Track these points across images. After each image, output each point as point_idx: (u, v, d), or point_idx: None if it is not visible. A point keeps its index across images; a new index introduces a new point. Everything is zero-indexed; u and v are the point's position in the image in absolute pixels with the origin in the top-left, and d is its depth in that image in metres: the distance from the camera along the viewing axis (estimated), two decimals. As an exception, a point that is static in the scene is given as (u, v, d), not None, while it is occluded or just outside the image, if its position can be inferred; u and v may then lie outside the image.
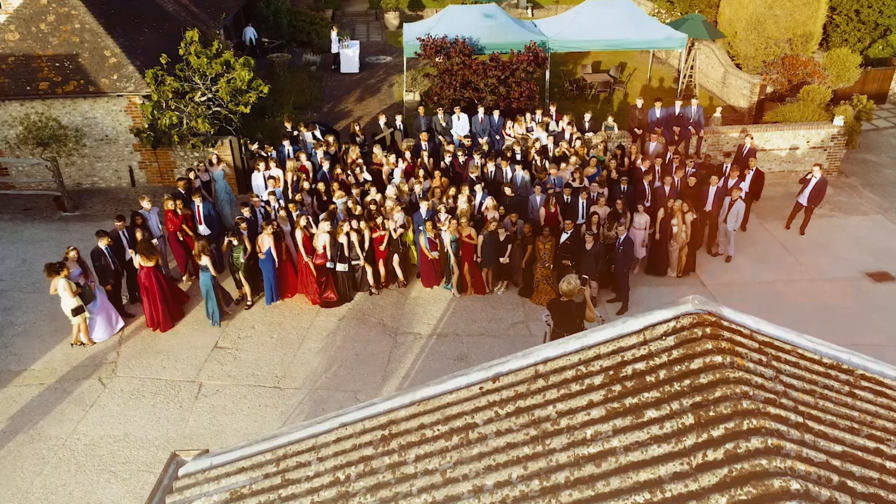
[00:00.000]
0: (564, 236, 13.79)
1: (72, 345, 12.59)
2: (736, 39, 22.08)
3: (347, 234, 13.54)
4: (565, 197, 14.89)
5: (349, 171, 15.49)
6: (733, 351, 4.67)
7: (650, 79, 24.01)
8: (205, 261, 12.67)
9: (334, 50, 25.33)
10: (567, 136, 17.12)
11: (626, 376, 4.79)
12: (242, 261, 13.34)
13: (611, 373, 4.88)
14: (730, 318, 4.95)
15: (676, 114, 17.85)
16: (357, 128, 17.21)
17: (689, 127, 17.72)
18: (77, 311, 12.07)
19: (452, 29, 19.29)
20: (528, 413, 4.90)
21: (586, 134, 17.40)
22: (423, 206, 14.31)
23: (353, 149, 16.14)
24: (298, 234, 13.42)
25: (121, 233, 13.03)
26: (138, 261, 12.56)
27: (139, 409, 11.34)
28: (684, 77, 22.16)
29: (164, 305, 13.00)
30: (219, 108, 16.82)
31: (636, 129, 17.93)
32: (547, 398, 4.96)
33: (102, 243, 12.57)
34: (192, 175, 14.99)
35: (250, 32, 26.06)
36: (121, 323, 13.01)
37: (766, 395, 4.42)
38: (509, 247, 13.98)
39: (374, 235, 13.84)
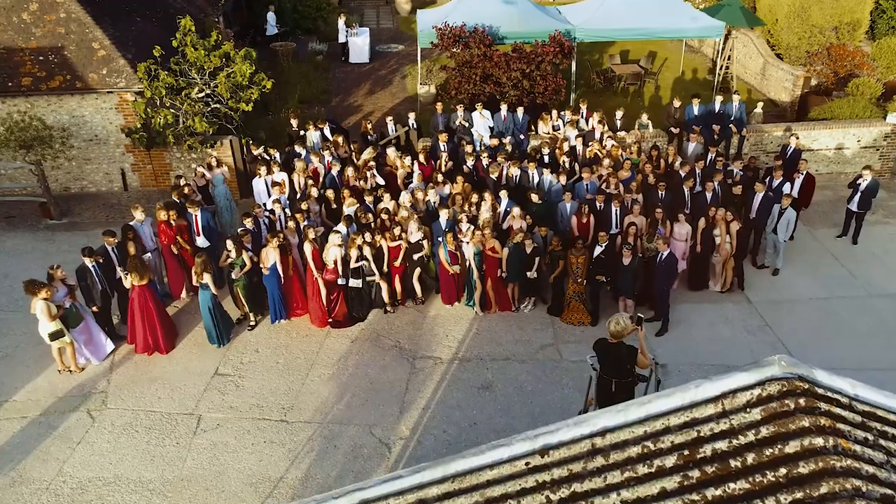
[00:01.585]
0: (598, 249, 13.02)
1: (58, 371, 11.91)
2: (777, 27, 21.26)
3: (360, 247, 12.79)
4: (598, 204, 14.12)
5: (362, 176, 14.70)
6: (835, 430, 4.00)
7: (683, 70, 23.14)
8: (206, 279, 11.93)
9: (342, 39, 24.52)
10: (597, 135, 16.30)
11: (705, 458, 4.13)
12: (240, 276, 12.62)
13: (685, 452, 4.20)
14: (824, 383, 4.30)
15: (716, 111, 17.04)
16: (369, 126, 16.43)
17: (731, 125, 16.91)
18: (55, 336, 11.38)
19: (471, 16, 18.46)
20: (587, 500, 4.23)
21: (618, 133, 16.57)
22: (443, 215, 13.55)
23: (366, 150, 15.36)
24: (307, 248, 12.67)
25: (110, 249, 12.30)
26: (130, 280, 11.84)
27: (132, 447, 10.63)
28: (721, 68, 21.28)
29: (162, 326, 12.30)
30: (218, 106, 16.07)
31: (672, 128, 17.11)
32: (608, 482, 4.29)
33: (88, 261, 11.87)
34: (182, 182, 14.26)
35: (272, 19, 25.20)
36: (111, 346, 12.31)
37: (882, 492, 3.71)
38: (537, 260, 13.21)
39: (391, 244, 13.10)
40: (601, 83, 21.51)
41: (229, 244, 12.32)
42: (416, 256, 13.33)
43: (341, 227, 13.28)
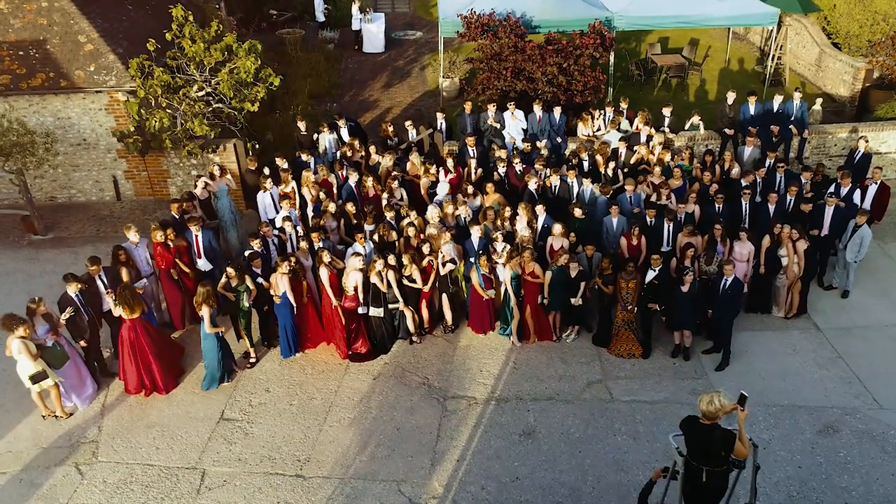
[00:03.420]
0: (651, 274, 12.00)
1: (43, 417, 11.01)
2: (834, 13, 20.26)
3: (380, 272, 11.81)
4: (648, 219, 13.10)
5: (386, 188, 13.71)
6: None
7: (728, 59, 22.03)
8: (204, 312, 10.97)
9: (355, 27, 23.48)
10: (643, 138, 15.24)
11: None
12: (246, 306, 11.70)
13: None
14: None
15: (775, 110, 15.97)
16: (390, 128, 15.40)
17: (790, 126, 15.84)
18: (37, 378, 10.46)
19: (499, 1, 17.38)
20: None
21: (667, 134, 15.49)
22: (475, 233, 12.56)
23: (387, 156, 14.35)
24: (324, 273, 11.69)
25: (97, 277, 11.38)
26: (119, 312, 10.90)
27: (126, 510, 9.72)
28: (772, 59, 20.16)
29: (160, 363, 11.38)
30: (220, 105, 15.09)
31: (726, 130, 16.04)
32: None
33: (72, 290, 10.97)
34: (195, 194, 13.36)
35: (321, 5, 24.13)
36: (93, 387, 11.42)
37: None
38: (582, 285, 12.21)
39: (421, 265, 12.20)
40: (641, 76, 20.40)
41: (230, 272, 11.38)
42: (443, 272, 12.37)
43: (359, 246, 12.33)
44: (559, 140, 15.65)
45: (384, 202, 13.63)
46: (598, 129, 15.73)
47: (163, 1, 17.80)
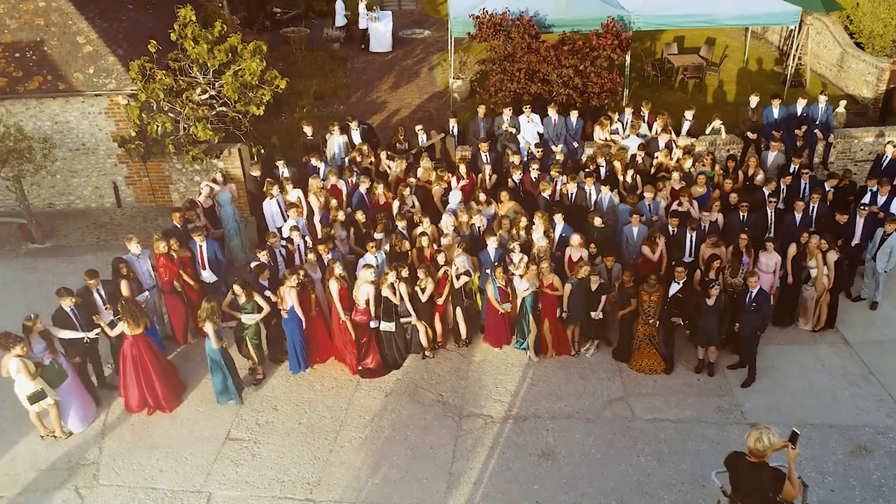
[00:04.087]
0: (675, 286, 11.69)
1: (41, 437, 10.74)
2: (857, 12, 19.95)
3: (393, 285, 11.51)
4: (670, 229, 12.81)
5: (398, 196, 13.42)
6: None
7: (746, 59, 21.69)
8: (208, 329, 10.68)
9: (362, 25, 23.18)
10: (662, 143, 14.91)
11: None
12: (251, 322, 11.41)
13: None
14: None
15: (799, 114, 15.65)
16: (401, 133, 15.09)
17: (815, 131, 15.53)
18: (35, 398, 10.17)
19: (511, 0, 17.06)
20: None
21: (687, 139, 15.16)
22: (491, 244, 12.25)
23: (397, 162, 14.05)
24: (334, 286, 11.40)
25: (94, 291, 11.13)
26: (122, 328, 10.61)
27: (130, 537, 9.45)
28: (793, 59, 19.83)
29: (163, 380, 11.12)
30: (224, 109, 14.80)
31: (749, 134, 15.72)
32: None
33: (66, 304, 10.67)
34: (195, 205, 13.07)
35: (342, 8, 23.78)
36: (92, 406, 11.18)
37: None
38: (603, 299, 11.91)
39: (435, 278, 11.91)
40: (657, 76, 20.08)
41: (237, 289, 11.09)
42: (457, 285, 12.07)
43: (370, 256, 12.04)
44: (575, 145, 15.33)
45: (395, 210, 13.35)
46: (616, 133, 15.40)
47: (164, 0, 17.59)
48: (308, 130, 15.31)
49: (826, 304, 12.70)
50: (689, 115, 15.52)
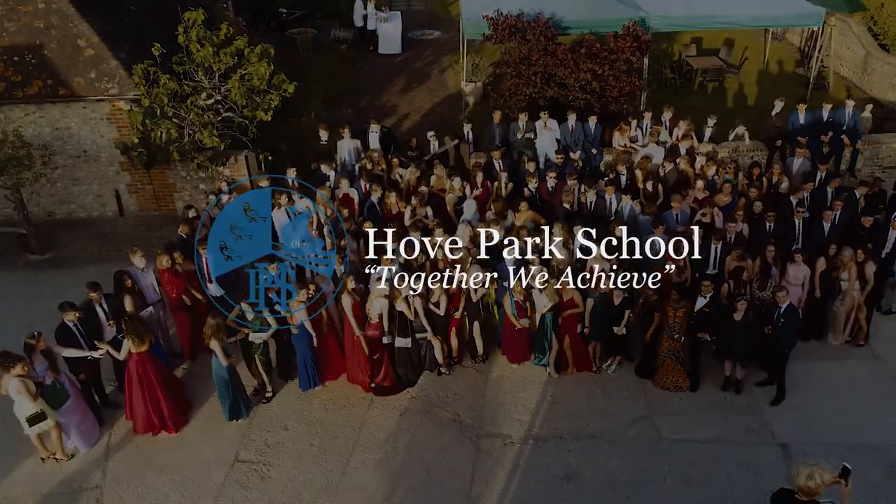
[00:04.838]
0: (702, 301, 11.41)
1: (42, 459, 10.50)
2: (882, 13, 19.80)
3: (407, 299, 11.27)
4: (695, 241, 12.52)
5: (416, 204, 13.20)
6: None
7: (767, 61, 21.45)
8: (215, 346, 10.44)
9: (370, 26, 22.95)
10: (683, 150, 14.65)
11: None
12: (259, 341, 11.19)
13: None
14: None
15: (825, 119, 15.39)
16: (413, 143, 14.89)
17: (842, 137, 15.27)
18: (35, 420, 9.92)
19: (526, 1, 16.82)
20: None
21: (709, 145, 14.91)
22: (508, 255, 12.00)
23: (410, 169, 13.83)
24: (347, 301, 11.15)
25: (98, 305, 10.89)
26: (128, 347, 10.38)
27: (135, 567, 9.21)
28: (816, 61, 19.58)
29: (169, 399, 10.88)
30: (230, 114, 14.58)
31: (774, 140, 15.47)
32: None
33: (69, 318, 10.45)
34: (192, 213, 12.87)
35: (360, 7, 23.14)
36: (96, 427, 10.96)
37: None
38: (627, 314, 11.64)
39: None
40: (676, 79, 19.83)
41: (244, 306, 10.88)
42: (474, 299, 11.82)
43: (384, 269, 11.77)
44: (594, 151, 15.07)
45: (407, 219, 13.11)
46: (635, 140, 15.15)
47: (167, 1, 17.39)
48: (323, 135, 15.11)
49: (864, 318, 12.43)
50: (710, 121, 15.28)
